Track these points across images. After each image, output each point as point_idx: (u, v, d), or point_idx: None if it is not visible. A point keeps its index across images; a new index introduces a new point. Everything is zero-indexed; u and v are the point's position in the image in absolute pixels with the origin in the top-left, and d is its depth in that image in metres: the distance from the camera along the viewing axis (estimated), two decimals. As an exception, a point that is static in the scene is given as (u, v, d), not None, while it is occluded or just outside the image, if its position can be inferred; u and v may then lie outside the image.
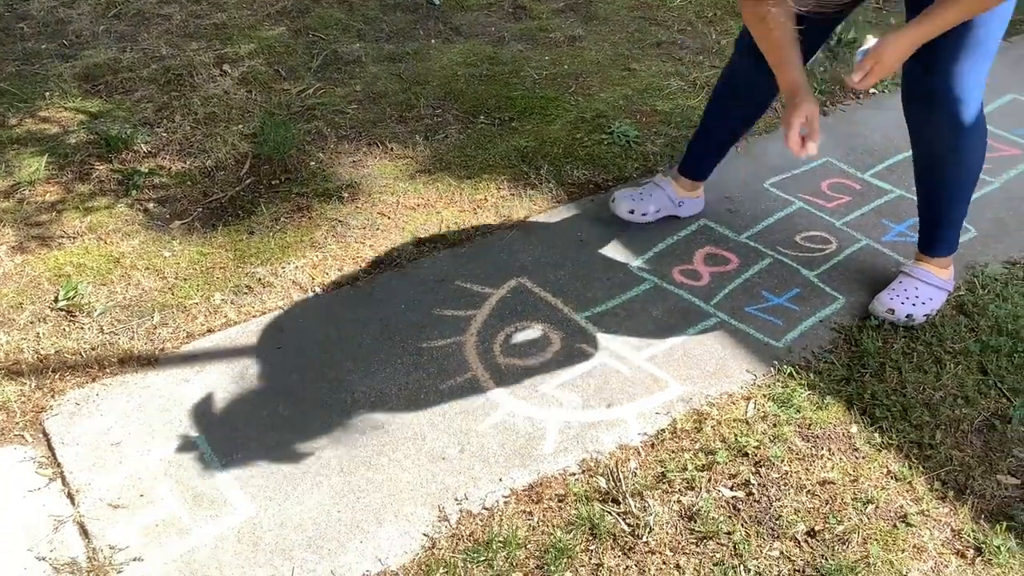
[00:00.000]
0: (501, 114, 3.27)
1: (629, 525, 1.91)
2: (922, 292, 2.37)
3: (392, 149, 3.10)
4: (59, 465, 2.09)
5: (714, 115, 2.58)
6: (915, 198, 2.76)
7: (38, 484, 2.06)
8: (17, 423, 2.18)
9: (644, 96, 3.36)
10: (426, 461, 2.08)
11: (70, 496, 2.02)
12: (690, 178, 2.70)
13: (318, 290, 2.54)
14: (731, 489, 1.98)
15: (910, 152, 2.96)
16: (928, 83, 2.12)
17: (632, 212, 2.69)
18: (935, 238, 2.40)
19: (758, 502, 1.95)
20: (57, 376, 2.28)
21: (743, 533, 1.89)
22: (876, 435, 2.07)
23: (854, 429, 2.08)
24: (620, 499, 1.96)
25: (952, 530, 1.89)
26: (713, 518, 1.91)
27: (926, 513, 1.91)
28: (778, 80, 2.23)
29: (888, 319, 2.33)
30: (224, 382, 2.27)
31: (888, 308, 2.33)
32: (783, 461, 2.02)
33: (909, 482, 1.97)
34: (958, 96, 2.10)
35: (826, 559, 1.83)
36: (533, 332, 2.39)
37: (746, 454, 2.04)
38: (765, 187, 2.86)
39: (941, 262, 2.41)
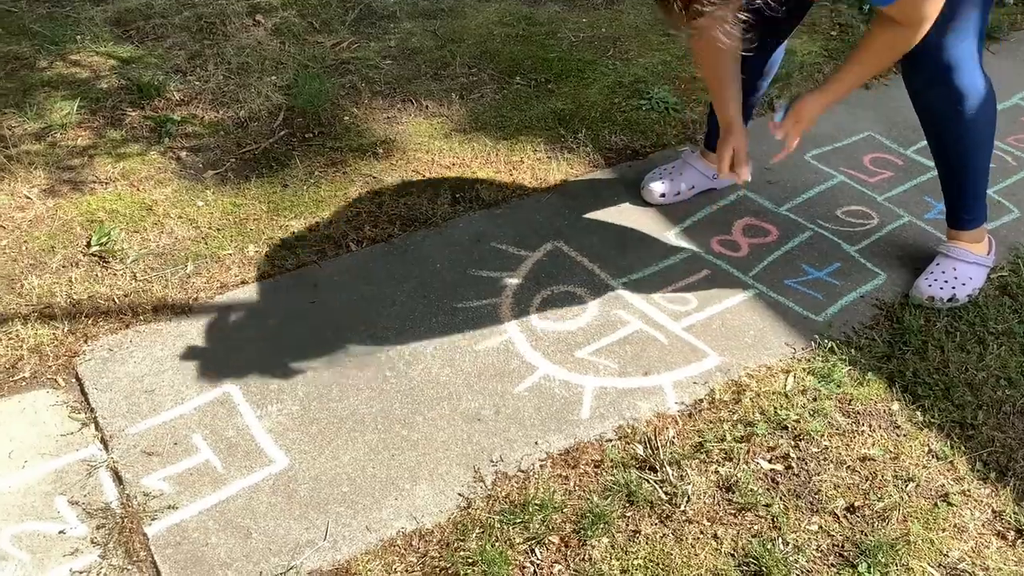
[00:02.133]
0: (537, 75, 3.22)
1: (666, 493, 1.89)
2: (960, 272, 2.32)
3: (427, 107, 3.06)
4: (92, 410, 2.07)
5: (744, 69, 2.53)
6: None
7: (71, 428, 2.05)
8: (50, 367, 2.16)
9: (683, 63, 3.31)
10: (461, 422, 2.06)
11: (103, 442, 2.01)
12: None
13: (352, 246, 2.52)
14: (770, 462, 1.96)
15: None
16: (916, 58, 2.09)
17: (664, 195, 2.64)
18: (960, 210, 2.34)
19: (797, 476, 1.93)
20: (90, 321, 2.27)
21: (782, 506, 1.87)
22: (918, 413, 2.04)
23: (895, 406, 2.06)
24: (657, 467, 1.94)
25: (993, 511, 1.87)
26: (751, 490, 1.89)
27: (967, 493, 1.89)
28: (716, 111, 2.40)
29: (931, 306, 2.29)
30: (258, 335, 2.26)
31: (928, 296, 2.29)
32: (823, 436, 2.00)
33: (950, 462, 1.95)
34: (950, 66, 2.09)
35: (866, 535, 1.81)
36: (569, 296, 2.37)
37: (785, 427, 2.02)
38: (806, 159, 2.82)
39: (974, 235, 2.36)
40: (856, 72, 2.13)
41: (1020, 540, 1.82)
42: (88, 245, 2.48)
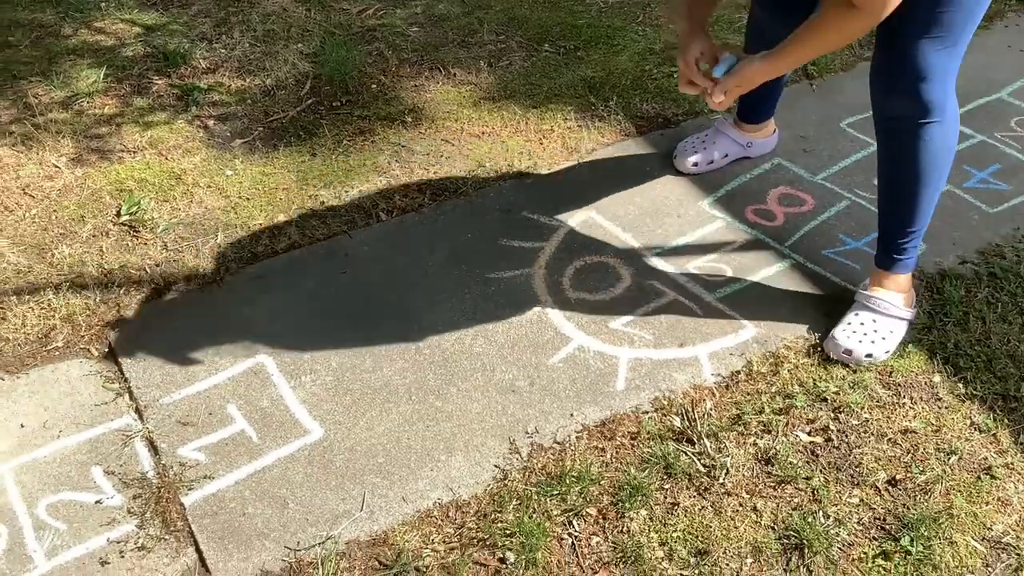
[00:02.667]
0: (566, 42, 3.18)
1: (705, 466, 1.87)
2: (881, 325, 2.09)
3: (455, 75, 3.02)
4: (126, 380, 2.07)
5: (753, 35, 2.46)
6: (999, 145, 2.67)
7: (105, 398, 2.04)
8: (82, 336, 2.16)
9: (714, 29, 3.25)
10: (495, 393, 2.04)
11: (138, 412, 2.01)
12: (751, 123, 2.61)
13: (382, 216, 2.49)
14: (809, 434, 1.94)
15: (992, 97, 2.89)
16: (887, 59, 1.91)
17: (696, 164, 2.60)
18: (894, 248, 2.10)
19: (837, 448, 1.91)
20: (122, 291, 2.26)
21: (822, 479, 1.85)
22: (960, 385, 2.01)
23: (937, 379, 2.03)
24: (695, 440, 1.92)
25: (1037, 485, 1.84)
26: (791, 462, 1.87)
27: (1011, 466, 1.87)
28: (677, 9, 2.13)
29: (847, 362, 2.07)
30: (290, 305, 2.24)
31: (844, 349, 2.05)
32: (863, 408, 1.97)
33: (993, 434, 1.92)
34: (920, 74, 1.86)
35: (908, 508, 1.79)
36: (602, 267, 2.34)
37: (825, 399, 1.99)
38: (842, 127, 2.77)
39: (901, 283, 2.13)
40: (799, 52, 1.88)
41: (1065, 514, 1.79)
42: (118, 214, 2.47)
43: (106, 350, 2.14)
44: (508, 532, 1.76)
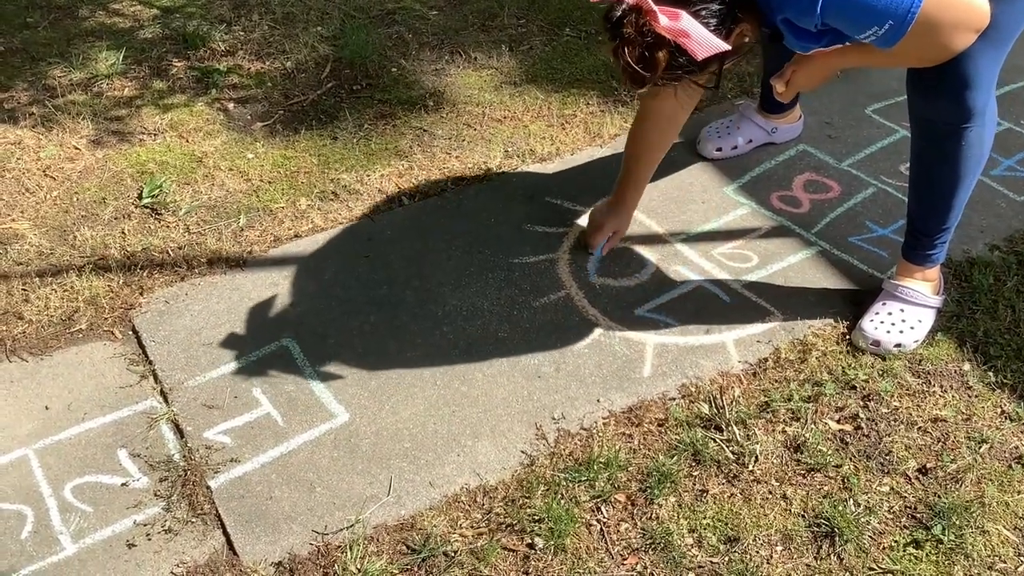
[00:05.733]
0: (587, 27, 3.15)
1: (733, 453, 1.86)
2: (909, 315, 2.06)
3: (476, 59, 3.00)
4: (150, 363, 2.06)
5: (770, 53, 2.45)
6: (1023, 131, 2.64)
7: (129, 381, 2.04)
8: (106, 319, 2.15)
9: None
10: (521, 378, 2.03)
11: (163, 394, 2.00)
12: (774, 113, 2.58)
13: (405, 200, 2.48)
14: (838, 422, 1.92)
15: (1019, 84, 2.86)
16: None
17: (720, 150, 2.58)
18: (924, 244, 2.06)
19: (867, 436, 1.89)
20: (145, 273, 2.25)
21: (852, 467, 1.84)
22: (990, 374, 1.99)
23: (967, 367, 2.01)
24: (723, 427, 1.91)
25: (1069, 475, 1.83)
26: (820, 450, 1.86)
27: (1042, 456, 1.85)
28: (623, 180, 2.27)
29: (876, 352, 2.05)
30: (313, 289, 2.23)
31: (873, 340, 2.03)
32: (893, 396, 1.96)
33: (1025, 423, 1.91)
34: (967, 81, 1.78)
35: (939, 497, 1.78)
36: (627, 252, 2.32)
37: (854, 387, 1.98)
38: (867, 113, 2.75)
39: (929, 273, 2.10)
40: (865, 61, 1.86)
41: (1098, 504, 1.78)
42: (139, 197, 2.46)
43: (130, 332, 2.13)
44: (536, 518, 1.75)
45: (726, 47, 1.58)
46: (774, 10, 1.66)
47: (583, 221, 2.38)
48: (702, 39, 1.55)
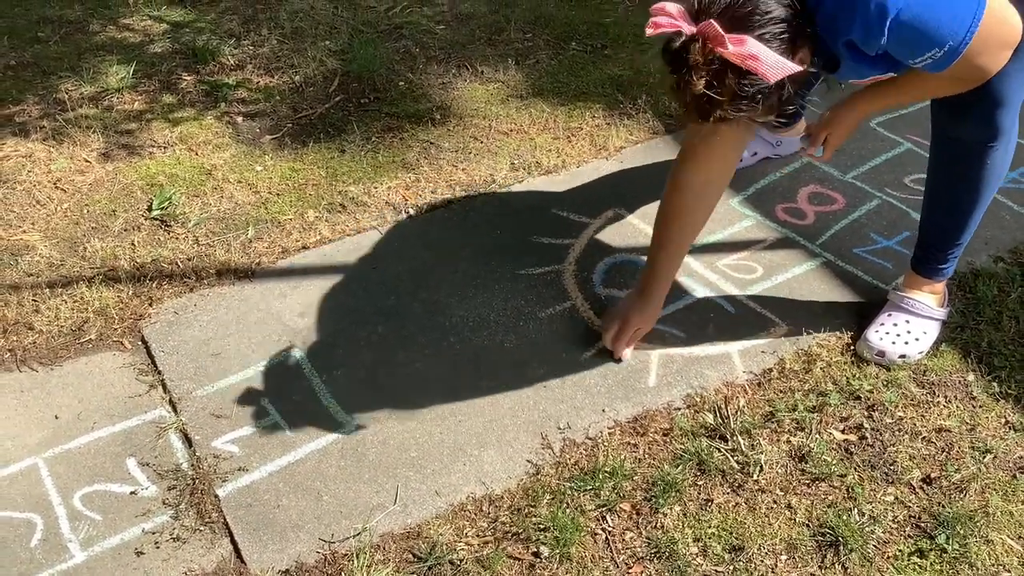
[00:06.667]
0: (593, 41, 3.18)
1: (738, 463, 1.87)
2: (915, 326, 2.07)
3: (482, 72, 3.03)
4: (159, 373, 2.08)
5: None
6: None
7: (138, 391, 2.05)
8: (115, 329, 2.17)
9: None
10: (527, 388, 2.04)
11: (172, 404, 2.02)
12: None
13: (412, 212, 2.50)
14: (843, 432, 1.93)
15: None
16: None
17: None
18: (936, 259, 2.07)
19: (871, 446, 1.90)
20: (154, 284, 2.27)
21: (856, 477, 1.84)
22: (994, 384, 2.00)
23: (971, 377, 2.02)
24: (728, 436, 1.91)
25: (1074, 485, 1.83)
26: (825, 460, 1.87)
27: (1047, 466, 1.86)
28: (654, 263, 2.08)
29: (880, 363, 2.06)
30: (321, 300, 2.25)
31: (878, 350, 2.04)
32: (897, 407, 1.96)
33: (1029, 434, 1.91)
34: (998, 101, 1.78)
35: (943, 506, 1.78)
36: (632, 264, 2.34)
37: (858, 398, 1.98)
38: (872, 126, 2.76)
39: (936, 286, 2.11)
40: (895, 99, 1.91)
41: (1102, 514, 1.78)
42: (149, 209, 2.49)
43: (139, 343, 2.15)
44: (542, 527, 1.76)
45: (798, 68, 1.54)
46: (839, 32, 1.62)
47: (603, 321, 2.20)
48: (772, 62, 1.50)
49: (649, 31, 1.56)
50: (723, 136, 1.90)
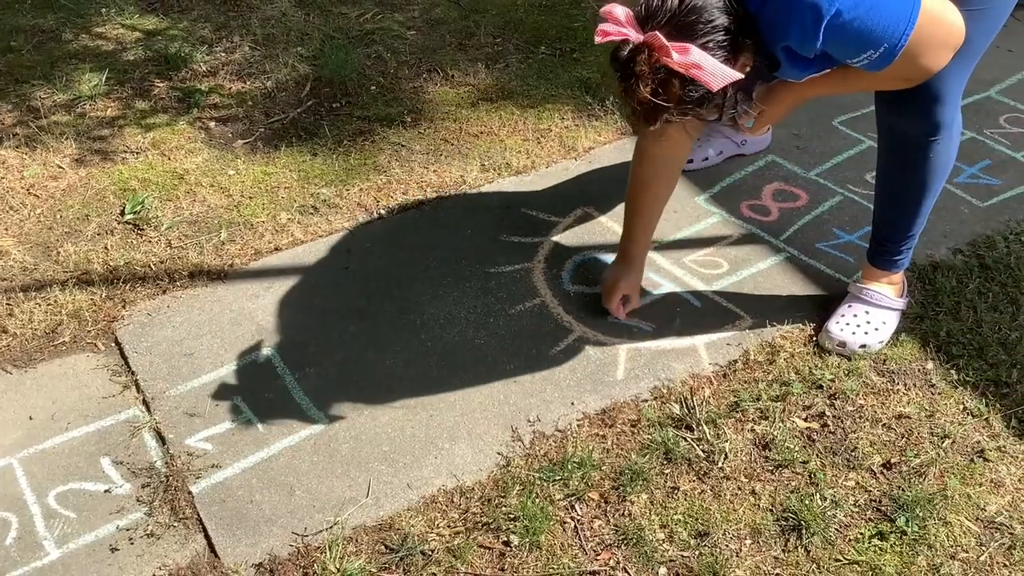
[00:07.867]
0: (562, 45, 3.22)
1: (704, 451, 1.91)
2: (874, 317, 2.12)
3: (453, 76, 3.07)
4: (133, 373, 2.10)
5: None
6: (989, 142, 2.72)
7: (112, 391, 2.07)
8: (89, 331, 2.19)
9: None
10: (497, 383, 2.08)
11: (145, 404, 2.04)
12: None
13: (383, 213, 2.53)
14: (805, 420, 1.97)
15: (986, 93, 2.94)
16: None
17: (691, 161, 2.64)
18: (890, 251, 2.13)
19: (833, 434, 1.94)
20: (127, 287, 2.29)
21: (818, 463, 1.89)
22: (952, 372, 2.05)
23: (930, 365, 2.07)
24: (694, 426, 1.95)
25: (1029, 467, 1.88)
26: (788, 447, 1.91)
27: (1003, 449, 1.91)
28: (625, 237, 2.21)
29: (842, 353, 2.10)
30: (293, 300, 2.28)
31: (839, 341, 2.09)
32: (858, 395, 2.01)
33: (986, 419, 1.96)
34: (936, 96, 1.85)
35: (903, 490, 1.83)
36: (601, 261, 2.38)
37: (820, 387, 2.03)
38: (834, 125, 2.82)
39: (893, 277, 2.17)
40: (836, 89, 1.91)
41: (1057, 495, 1.83)
42: (122, 213, 2.50)
43: (113, 344, 2.17)
44: (512, 516, 1.79)
45: (739, 76, 1.59)
46: (776, 39, 1.67)
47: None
48: (715, 70, 1.56)
49: (598, 39, 1.62)
50: (669, 135, 1.98)
